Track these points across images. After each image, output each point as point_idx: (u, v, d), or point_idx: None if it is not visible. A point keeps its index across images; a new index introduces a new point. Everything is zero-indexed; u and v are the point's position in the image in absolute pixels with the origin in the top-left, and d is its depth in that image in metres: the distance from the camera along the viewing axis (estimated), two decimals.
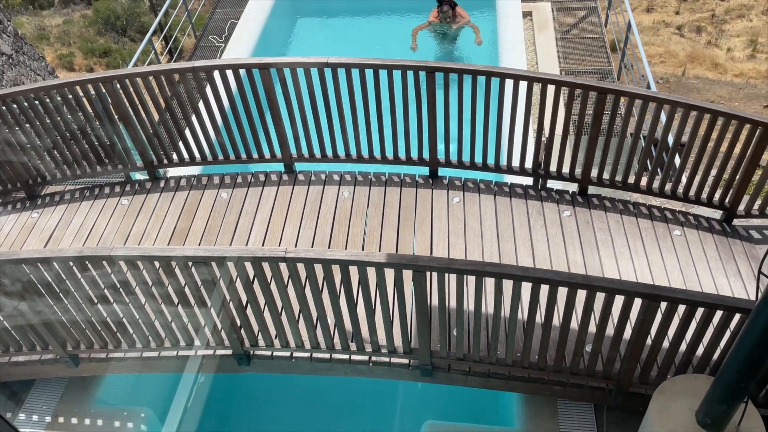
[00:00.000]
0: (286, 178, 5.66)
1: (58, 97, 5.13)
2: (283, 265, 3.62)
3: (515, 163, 5.36)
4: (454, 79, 4.91)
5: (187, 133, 5.50)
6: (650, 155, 5.19)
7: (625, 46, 7.85)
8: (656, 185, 5.19)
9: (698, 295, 3.57)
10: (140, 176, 5.93)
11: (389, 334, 4.06)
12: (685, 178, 5.15)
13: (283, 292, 3.79)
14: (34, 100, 5.15)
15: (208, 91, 5.20)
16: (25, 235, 5.43)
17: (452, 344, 4.31)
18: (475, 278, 3.61)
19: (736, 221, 5.19)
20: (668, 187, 5.18)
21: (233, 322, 4.09)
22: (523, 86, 4.88)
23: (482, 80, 4.88)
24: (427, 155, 5.41)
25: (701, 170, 5.00)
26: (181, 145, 5.57)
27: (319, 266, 3.61)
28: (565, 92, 4.93)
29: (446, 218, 5.23)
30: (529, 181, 5.51)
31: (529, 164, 5.40)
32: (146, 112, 5.31)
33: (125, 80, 5.10)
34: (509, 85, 4.88)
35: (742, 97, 9.28)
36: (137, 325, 4.15)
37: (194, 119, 5.39)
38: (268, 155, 5.61)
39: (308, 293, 3.82)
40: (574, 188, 5.41)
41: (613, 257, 4.90)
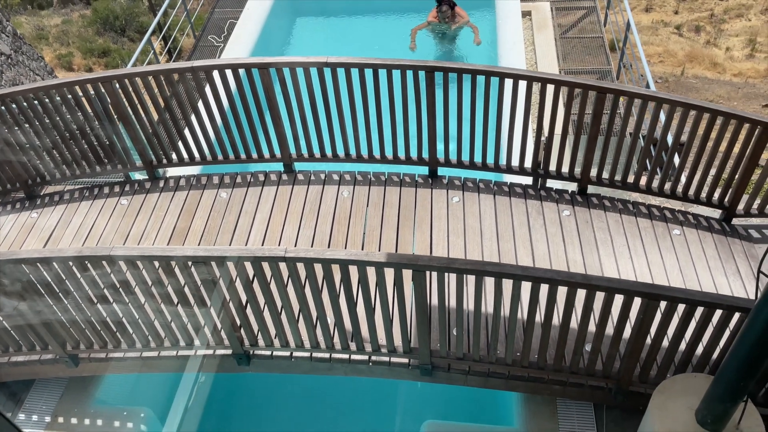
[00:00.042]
0: (285, 177, 5.66)
1: (57, 97, 5.13)
2: (282, 264, 3.62)
3: (515, 162, 5.37)
4: (453, 78, 4.92)
5: (186, 132, 5.50)
6: (649, 154, 5.19)
7: (624, 45, 7.85)
8: (655, 184, 5.20)
9: (698, 294, 3.57)
10: (139, 176, 5.93)
11: (389, 333, 4.06)
12: (684, 177, 5.16)
13: (282, 291, 3.79)
14: (33, 100, 5.15)
15: (207, 90, 5.20)
16: (24, 234, 5.43)
17: (452, 344, 4.31)
18: (474, 278, 3.61)
19: (735, 220, 5.19)
20: (667, 186, 5.19)
21: (233, 321, 4.09)
22: (522, 86, 4.89)
23: (481, 80, 4.88)
24: (426, 155, 5.41)
25: (700, 169, 5.01)
26: (180, 145, 5.57)
27: (318, 266, 3.61)
28: (564, 92, 4.92)
29: (446, 218, 5.23)
30: (528, 180, 5.51)
31: (528, 164, 5.40)
32: (146, 112, 5.31)
33: (124, 80, 5.10)
34: (509, 84, 4.88)
35: (740, 96, 9.29)
36: (137, 324, 4.15)
37: (194, 119, 5.40)
38: (267, 155, 5.61)
39: (308, 293, 3.82)
40: (573, 188, 5.42)
41: (612, 256, 4.90)
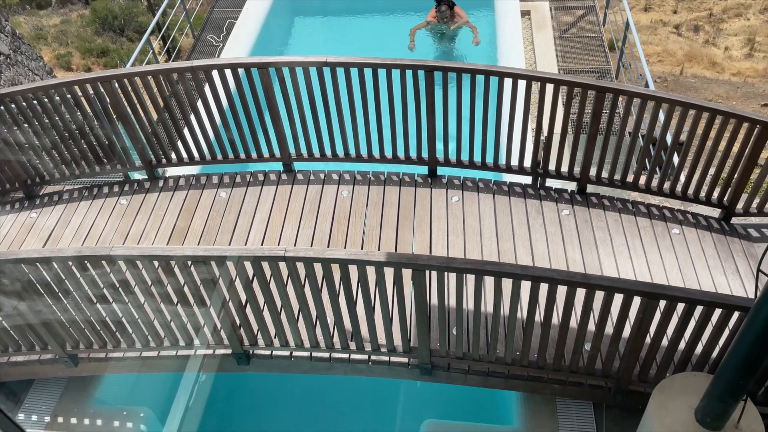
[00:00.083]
0: (284, 177, 5.66)
1: (56, 96, 5.13)
2: (282, 264, 3.62)
3: (514, 162, 5.37)
4: (452, 78, 4.92)
5: (185, 132, 5.50)
6: (649, 154, 5.19)
7: (623, 45, 7.85)
8: (655, 184, 5.20)
9: (697, 293, 3.58)
10: (139, 176, 5.93)
11: (389, 333, 4.06)
12: (683, 176, 5.16)
13: (282, 291, 3.79)
14: (32, 99, 5.15)
15: (206, 90, 5.20)
16: (24, 234, 5.42)
17: (451, 343, 4.31)
18: (474, 277, 3.62)
19: (734, 219, 5.20)
20: (667, 185, 5.19)
21: (232, 321, 4.09)
22: (521, 85, 4.89)
23: (481, 79, 4.89)
24: (426, 154, 5.41)
25: (700, 169, 5.01)
26: (179, 144, 5.57)
27: (318, 265, 3.61)
28: (563, 91, 4.92)
29: (445, 217, 5.23)
30: (528, 180, 5.51)
31: (528, 163, 5.40)
32: (145, 111, 5.30)
33: (124, 80, 5.10)
34: (508, 84, 4.89)
35: (739, 95, 9.29)
36: (136, 324, 4.15)
37: (193, 119, 5.39)
38: (266, 155, 5.61)
39: (307, 292, 3.82)
40: (572, 187, 5.42)
41: (611, 256, 4.91)
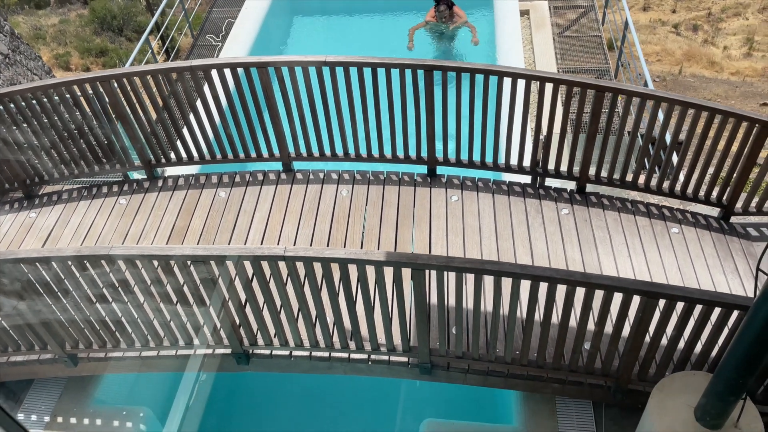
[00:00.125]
0: (284, 177, 5.66)
1: (55, 96, 5.13)
2: (281, 263, 3.62)
3: (513, 161, 5.37)
4: (452, 77, 4.92)
5: (185, 132, 5.50)
6: (648, 153, 5.20)
7: (622, 44, 7.86)
8: (654, 183, 5.21)
9: (696, 292, 3.58)
10: (138, 175, 5.92)
11: (388, 332, 4.06)
12: (682, 175, 5.17)
13: (282, 290, 3.79)
14: (31, 99, 5.14)
15: (206, 90, 5.19)
16: (23, 234, 5.42)
17: (451, 342, 4.31)
18: (473, 276, 3.62)
19: (733, 219, 5.20)
20: (666, 184, 5.19)
21: (232, 321, 4.09)
22: (521, 84, 4.89)
23: (480, 78, 4.89)
24: (425, 154, 5.41)
25: (699, 168, 5.02)
26: (179, 144, 5.57)
27: (317, 265, 3.61)
28: (563, 90, 4.92)
29: (445, 217, 5.23)
30: (527, 179, 5.51)
31: (527, 162, 5.41)
32: (144, 111, 5.30)
33: (123, 79, 5.10)
34: (507, 83, 4.89)
35: (738, 95, 9.30)
36: (136, 324, 4.15)
37: (192, 118, 5.39)
38: (266, 154, 5.61)
39: (307, 292, 3.82)
40: (572, 186, 5.42)
41: (611, 255, 4.91)
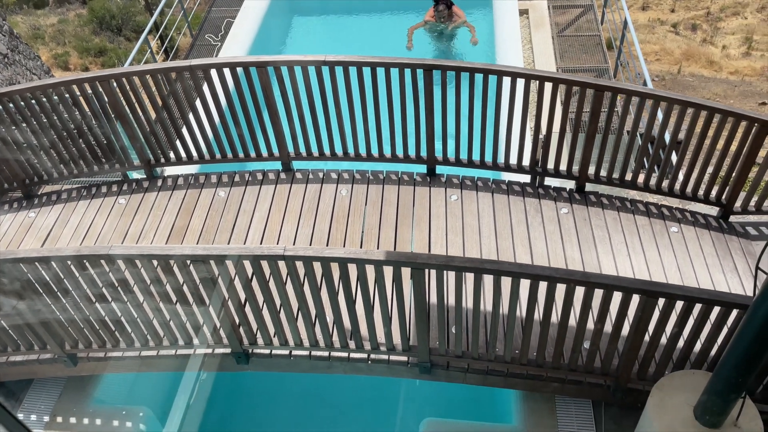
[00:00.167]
0: (283, 176, 5.65)
1: (54, 96, 5.12)
2: (281, 263, 3.62)
3: (513, 160, 5.37)
4: (451, 77, 4.92)
5: (184, 131, 5.50)
6: (647, 152, 5.20)
7: (621, 43, 7.86)
8: (653, 182, 5.21)
9: (695, 291, 3.59)
10: (137, 175, 5.92)
11: (388, 331, 4.06)
12: (681, 175, 5.17)
13: (281, 290, 3.79)
14: (30, 99, 5.14)
15: (205, 89, 5.19)
16: (22, 234, 5.42)
17: (451, 341, 4.31)
18: (473, 275, 3.62)
19: (732, 218, 5.21)
20: (665, 184, 5.20)
21: (232, 320, 4.09)
22: (520, 84, 4.89)
23: (479, 78, 4.89)
24: (424, 153, 5.41)
25: (698, 167, 5.02)
26: (178, 143, 5.57)
27: (317, 264, 3.61)
28: (562, 90, 4.93)
29: (444, 216, 5.23)
30: (526, 178, 5.52)
31: (526, 162, 5.41)
32: (143, 111, 5.30)
33: (122, 79, 5.09)
34: (506, 82, 4.89)
35: (737, 94, 9.31)
36: (135, 324, 4.15)
37: (191, 118, 5.39)
38: (265, 154, 5.61)
39: (306, 291, 3.82)
40: (571, 186, 5.43)
41: (610, 254, 4.91)
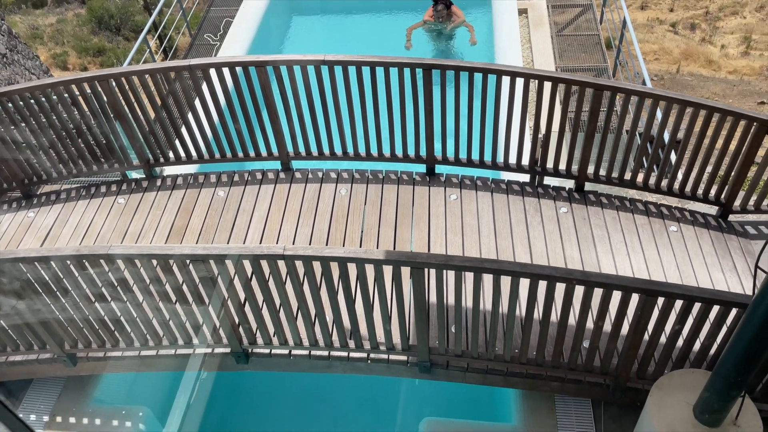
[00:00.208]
0: (283, 176, 5.65)
1: (54, 95, 5.12)
2: (281, 262, 3.62)
3: (512, 160, 5.37)
4: (450, 76, 4.92)
5: (183, 131, 5.50)
6: (646, 152, 5.20)
7: (620, 43, 7.86)
8: (652, 181, 5.22)
9: (695, 290, 3.59)
10: (137, 175, 5.92)
11: (387, 331, 4.06)
12: (681, 174, 5.18)
13: (281, 289, 3.79)
14: (29, 99, 5.13)
15: (204, 89, 5.19)
16: (21, 233, 5.41)
17: (450, 341, 4.32)
18: (473, 275, 3.62)
19: (731, 217, 5.21)
20: (664, 183, 5.20)
21: (231, 320, 4.09)
22: (519, 83, 4.89)
23: (479, 77, 4.89)
24: (424, 153, 5.41)
25: (697, 166, 5.03)
26: (177, 143, 5.57)
27: (317, 264, 3.61)
28: (561, 89, 4.93)
29: (443, 215, 5.24)
30: (526, 178, 5.52)
31: (526, 161, 5.41)
32: (142, 110, 5.30)
33: (121, 78, 5.09)
34: (506, 82, 4.89)
35: (736, 93, 9.32)
36: (135, 323, 4.14)
37: (191, 117, 5.39)
38: (265, 153, 5.61)
39: (306, 291, 3.82)
40: (570, 185, 5.43)
41: (609, 253, 4.92)
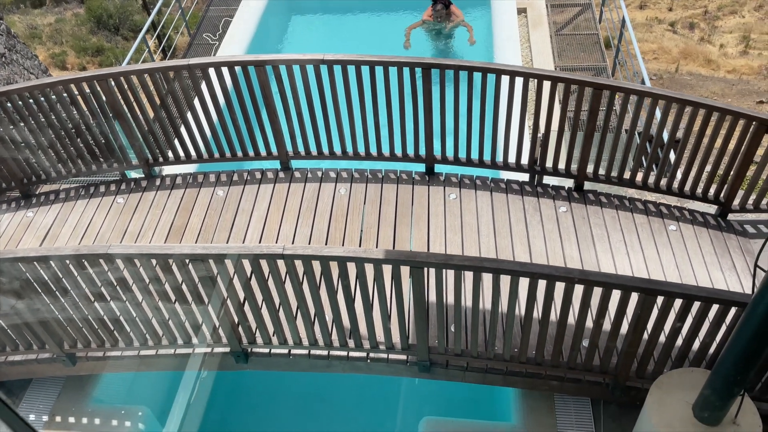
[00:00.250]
0: (282, 175, 5.65)
1: (52, 95, 5.11)
2: (280, 262, 3.62)
3: (511, 159, 5.38)
4: (450, 75, 4.92)
5: (182, 130, 5.49)
6: (646, 151, 5.21)
7: (619, 42, 7.87)
8: (652, 181, 5.22)
9: (694, 289, 3.59)
10: (136, 174, 5.91)
11: (387, 330, 4.06)
12: (680, 173, 5.18)
13: (280, 289, 3.79)
14: (28, 98, 5.13)
15: (203, 88, 5.19)
16: (21, 233, 5.40)
17: (450, 340, 4.32)
18: (472, 274, 3.62)
19: (730, 216, 5.22)
20: (663, 182, 5.21)
21: (231, 319, 4.09)
22: (518, 82, 4.89)
23: (478, 77, 4.89)
24: (423, 152, 5.41)
25: (696, 165, 5.03)
26: (177, 143, 5.56)
27: (316, 263, 3.61)
28: (560, 88, 4.93)
29: (443, 215, 5.23)
30: (525, 177, 5.52)
31: (525, 161, 5.41)
32: (141, 109, 5.29)
33: (120, 78, 5.08)
34: (505, 81, 4.89)
35: (734, 93, 9.32)
36: (134, 323, 4.14)
37: (190, 117, 5.38)
38: (264, 153, 5.61)
39: (306, 290, 3.82)
40: (570, 184, 5.43)
41: (609, 252, 4.92)
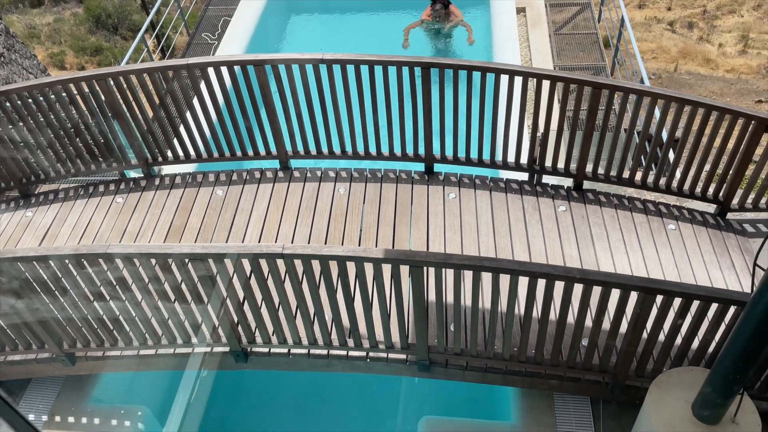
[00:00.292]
0: (281, 175, 5.65)
1: (51, 95, 5.11)
2: (280, 261, 3.62)
3: (511, 158, 5.38)
4: (449, 75, 4.92)
5: (182, 130, 5.49)
6: (645, 150, 5.21)
7: (618, 42, 7.87)
8: (651, 180, 5.23)
9: (693, 288, 3.60)
10: (135, 174, 5.91)
11: (387, 329, 4.06)
12: (679, 172, 5.18)
13: (280, 288, 3.79)
14: (27, 98, 5.12)
15: (202, 88, 5.18)
16: (20, 232, 5.40)
17: (449, 339, 4.32)
18: (472, 273, 3.63)
19: (729, 215, 5.22)
20: (663, 181, 5.21)
21: (230, 319, 4.09)
22: (517, 82, 4.90)
23: (477, 76, 4.89)
24: (422, 151, 5.41)
25: (695, 165, 5.03)
26: (176, 142, 5.56)
27: (316, 262, 3.61)
28: (559, 88, 4.94)
29: (442, 214, 5.24)
30: (524, 176, 5.52)
31: (524, 160, 5.42)
32: (141, 109, 5.29)
33: (119, 77, 5.08)
34: (504, 80, 4.89)
35: (733, 92, 9.33)
36: (134, 322, 4.14)
37: (189, 117, 5.38)
38: (263, 152, 5.60)
39: (305, 289, 3.82)
40: (569, 183, 5.44)
41: (608, 251, 4.92)
